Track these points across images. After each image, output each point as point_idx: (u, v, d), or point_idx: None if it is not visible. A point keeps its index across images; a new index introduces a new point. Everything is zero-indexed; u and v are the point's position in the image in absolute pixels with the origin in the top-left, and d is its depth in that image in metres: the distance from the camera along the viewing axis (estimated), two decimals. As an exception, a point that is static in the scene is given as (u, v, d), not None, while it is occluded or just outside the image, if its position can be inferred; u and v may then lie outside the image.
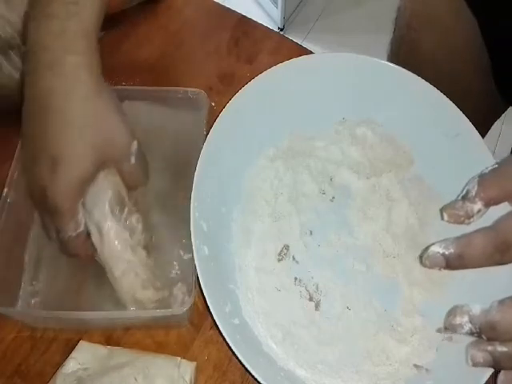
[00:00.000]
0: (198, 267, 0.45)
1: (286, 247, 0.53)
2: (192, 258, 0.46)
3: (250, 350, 0.45)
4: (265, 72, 0.53)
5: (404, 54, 0.72)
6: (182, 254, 0.52)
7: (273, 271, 0.51)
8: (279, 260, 0.52)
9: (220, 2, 0.76)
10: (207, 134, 0.52)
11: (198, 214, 0.48)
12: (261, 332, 0.48)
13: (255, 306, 0.50)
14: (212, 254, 0.48)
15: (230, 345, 0.43)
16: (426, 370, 0.46)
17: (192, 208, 0.47)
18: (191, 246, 0.46)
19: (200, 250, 0.46)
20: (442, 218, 0.45)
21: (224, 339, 0.43)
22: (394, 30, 0.73)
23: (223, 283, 0.49)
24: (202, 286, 0.44)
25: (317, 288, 0.51)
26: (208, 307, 0.44)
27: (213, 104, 0.59)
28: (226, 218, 0.53)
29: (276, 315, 0.50)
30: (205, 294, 0.44)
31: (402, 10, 0.71)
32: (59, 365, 0.47)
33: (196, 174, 0.49)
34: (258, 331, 0.48)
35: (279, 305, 0.50)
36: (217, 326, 0.43)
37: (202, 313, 0.52)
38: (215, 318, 0.43)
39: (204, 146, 0.50)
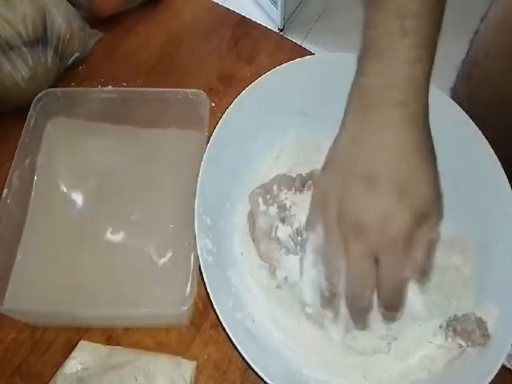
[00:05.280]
0: (201, 261, 0.45)
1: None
2: (192, 259, 0.46)
3: (252, 345, 0.45)
4: (270, 72, 0.54)
5: (477, 78, 0.70)
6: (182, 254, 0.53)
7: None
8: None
9: (220, 3, 0.76)
10: (208, 134, 0.52)
11: (203, 209, 0.48)
12: (264, 328, 0.48)
13: (258, 301, 0.50)
14: (216, 248, 0.48)
15: (233, 340, 0.42)
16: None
17: (196, 203, 0.47)
18: (191, 247, 0.46)
19: (203, 245, 0.46)
20: None
21: (226, 334, 0.43)
22: (468, 51, 0.72)
23: (226, 278, 0.49)
24: (204, 280, 0.44)
25: None
26: (211, 302, 0.44)
27: (213, 104, 0.60)
28: (230, 213, 0.53)
29: (279, 311, 0.50)
30: (207, 289, 0.44)
31: (480, 35, 0.69)
32: (59, 364, 0.47)
33: (201, 170, 0.49)
34: (260, 327, 0.48)
35: (282, 301, 0.50)
36: (219, 320, 0.43)
37: (202, 312, 0.52)
38: (218, 312, 0.43)
39: (209, 144, 0.50)
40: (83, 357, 0.47)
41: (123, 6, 0.70)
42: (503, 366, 0.45)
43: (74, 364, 0.46)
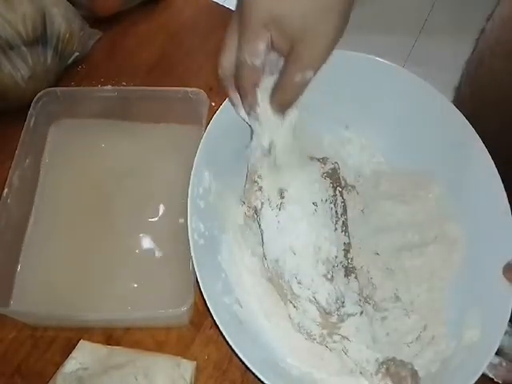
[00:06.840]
0: (191, 242, 0.45)
1: None
2: (192, 260, 0.46)
3: (237, 329, 0.45)
4: None
5: (482, 77, 0.70)
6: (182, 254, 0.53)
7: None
8: None
9: (220, 2, 0.76)
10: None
11: (197, 190, 0.47)
12: (251, 314, 0.48)
13: (247, 288, 0.50)
14: (208, 232, 0.48)
15: (215, 318, 0.42)
16: None
17: (191, 185, 0.47)
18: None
19: (195, 226, 0.46)
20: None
21: (212, 317, 0.43)
22: (473, 51, 0.71)
23: (217, 262, 0.49)
24: (194, 264, 0.44)
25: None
26: (198, 283, 0.43)
27: (213, 104, 0.60)
28: (226, 199, 0.52)
29: (268, 300, 0.49)
30: (195, 269, 0.44)
31: (486, 34, 0.69)
32: (59, 364, 0.47)
33: (197, 155, 0.48)
34: (248, 313, 0.48)
35: (272, 290, 0.50)
36: (205, 302, 0.43)
37: (202, 312, 0.52)
38: (204, 293, 0.43)
39: (207, 129, 0.50)
40: (83, 357, 0.47)
41: (123, 5, 0.70)
42: (484, 375, 0.44)
43: (74, 364, 0.46)
